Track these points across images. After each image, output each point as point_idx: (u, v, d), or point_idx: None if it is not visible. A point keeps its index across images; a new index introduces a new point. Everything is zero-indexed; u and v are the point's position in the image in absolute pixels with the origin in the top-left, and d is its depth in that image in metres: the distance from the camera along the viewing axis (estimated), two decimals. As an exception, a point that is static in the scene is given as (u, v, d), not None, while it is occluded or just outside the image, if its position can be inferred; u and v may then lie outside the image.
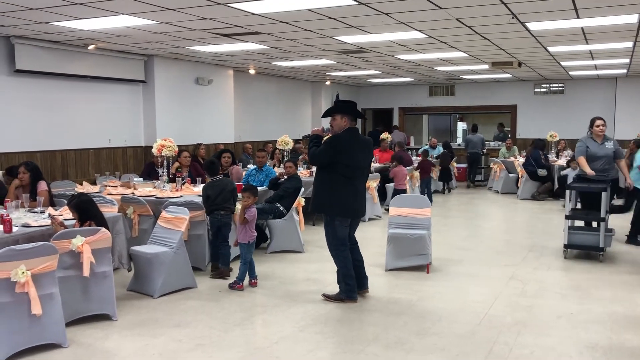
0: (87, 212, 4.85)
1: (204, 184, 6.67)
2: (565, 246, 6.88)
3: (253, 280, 5.79)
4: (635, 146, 11.69)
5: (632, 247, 7.49)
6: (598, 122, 7.14)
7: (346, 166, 4.99)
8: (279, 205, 7.21)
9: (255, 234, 5.80)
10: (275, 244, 7.22)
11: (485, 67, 12.63)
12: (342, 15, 7.18)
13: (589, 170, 6.89)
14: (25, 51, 8.75)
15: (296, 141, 11.98)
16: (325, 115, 5.29)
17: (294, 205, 7.21)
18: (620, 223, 8.26)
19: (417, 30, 8.19)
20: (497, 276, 6.15)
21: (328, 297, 5.32)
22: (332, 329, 4.61)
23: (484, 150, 15.30)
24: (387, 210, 7.43)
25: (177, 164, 8.27)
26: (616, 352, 4.12)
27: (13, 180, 6.37)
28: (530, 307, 5.12)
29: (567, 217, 6.84)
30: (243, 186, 6.12)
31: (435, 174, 13.01)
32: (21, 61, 8.72)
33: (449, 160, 13.45)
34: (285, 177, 7.55)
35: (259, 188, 7.46)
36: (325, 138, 5.21)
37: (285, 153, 10.21)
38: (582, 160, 7.04)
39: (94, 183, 8.45)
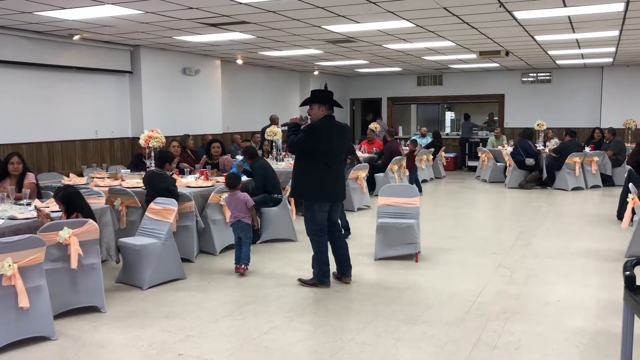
0: (74, 204, 4.81)
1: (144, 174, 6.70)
2: None
3: (242, 266, 5.84)
4: None
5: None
6: None
7: (324, 153, 5.15)
8: (273, 194, 7.24)
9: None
10: (268, 232, 7.23)
11: (473, 56, 12.64)
12: (330, 4, 7.14)
13: None
14: (8, 42, 8.62)
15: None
16: (303, 104, 5.46)
17: (286, 194, 7.23)
18: None
19: (405, 19, 8.18)
20: (485, 264, 6.19)
21: (303, 282, 5.45)
22: (322, 319, 4.62)
23: (472, 137, 16.28)
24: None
25: (177, 159, 8.18)
26: (602, 337, 4.17)
27: None
28: (518, 294, 5.16)
29: None
30: (225, 177, 6.19)
31: (423, 163, 13.04)
32: (4, 52, 8.59)
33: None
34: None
35: (245, 178, 7.49)
36: (303, 126, 5.33)
37: (274, 143, 10.18)
38: None
39: (81, 175, 8.39)
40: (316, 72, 16.74)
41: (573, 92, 16.13)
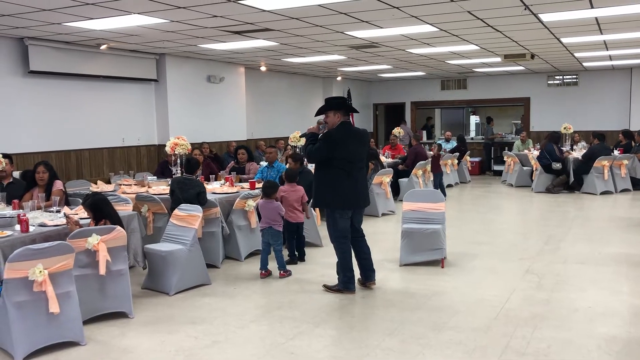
0: (101, 211, 4.89)
1: (171, 179, 6.81)
2: None
3: (264, 271, 5.95)
4: None
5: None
6: None
7: (342, 160, 5.14)
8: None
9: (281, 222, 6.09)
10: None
11: (498, 59, 12.52)
12: (353, 10, 7.15)
13: None
14: (38, 52, 8.82)
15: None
16: (317, 113, 5.46)
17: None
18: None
19: (428, 23, 8.14)
20: (512, 270, 6.10)
21: (328, 288, 5.44)
22: (347, 325, 4.60)
23: (492, 141, 16.31)
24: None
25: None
26: (635, 345, 4.07)
27: (25, 182, 6.39)
28: (547, 300, 5.07)
29: None
30: (262, 184, 6.27)
31: (448, 168, 12.93)
32: (35, 62, 8.79)
33: None
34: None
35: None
36: (320, 135, 5.33)
37: (297, 150, 10.20)
38: None
39: (108, 182, 8.52)
40: (339, 78, 16.76)
41: (601, 94, 15.84)
